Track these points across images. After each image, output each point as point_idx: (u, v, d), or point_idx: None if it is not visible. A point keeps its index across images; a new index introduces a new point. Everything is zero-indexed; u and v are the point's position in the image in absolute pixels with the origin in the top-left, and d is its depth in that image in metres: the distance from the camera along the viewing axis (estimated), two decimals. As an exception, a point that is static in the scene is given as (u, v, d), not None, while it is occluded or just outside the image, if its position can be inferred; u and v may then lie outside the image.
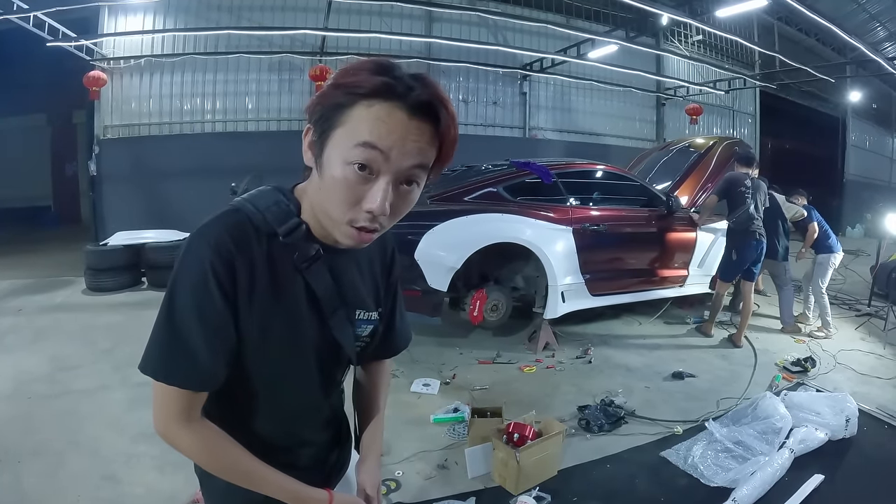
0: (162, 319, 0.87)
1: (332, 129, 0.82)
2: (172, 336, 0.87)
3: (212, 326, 0.87)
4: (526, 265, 4.88)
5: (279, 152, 8.24)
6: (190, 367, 0.87)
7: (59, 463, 2.86)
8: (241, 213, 0.91)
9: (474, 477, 2.83)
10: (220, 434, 0.93)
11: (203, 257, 0.85)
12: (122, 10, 8.11)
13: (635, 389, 4.02)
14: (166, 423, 0.90)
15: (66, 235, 11.07)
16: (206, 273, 0.85)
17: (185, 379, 0.88)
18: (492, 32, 10.17)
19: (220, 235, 0.87)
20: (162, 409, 0.90)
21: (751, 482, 2.67)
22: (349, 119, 0.81)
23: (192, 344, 0.86)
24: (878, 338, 5.37)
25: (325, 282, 0.97)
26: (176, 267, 0.87)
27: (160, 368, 0.88)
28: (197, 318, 0.86)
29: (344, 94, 0.81)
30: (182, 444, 0.91)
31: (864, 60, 10.72)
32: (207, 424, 0.92)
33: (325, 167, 0.84)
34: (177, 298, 0.86)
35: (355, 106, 0.81)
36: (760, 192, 5.02)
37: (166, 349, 0.88)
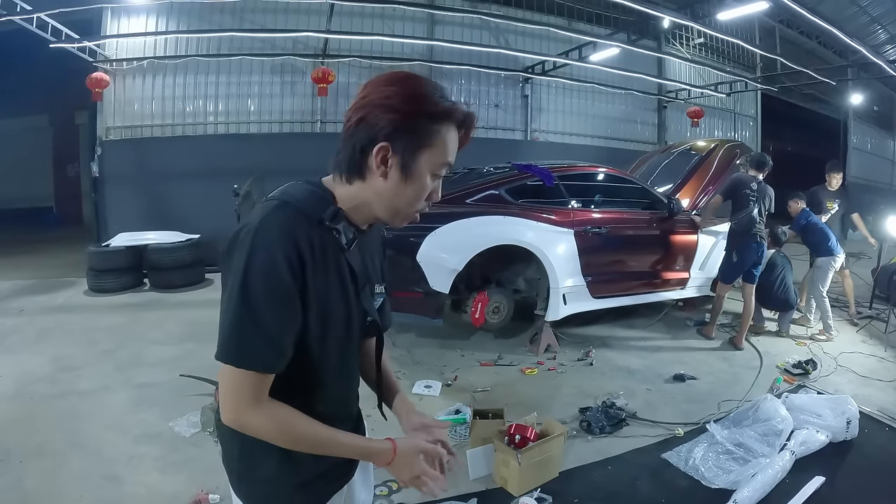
0: (237, 308, 0.93)
1: (422, 148, 1.00)
2: (251, 323, 0.93)
3: (286, 310, 0.96)
4: (527, 267, 4.89)
5: (281, 154, 8.32)
6: (268, 351, 0.96)
7: (60, 463, 2.87)
8: (291, 204, 0.99)
9: (476, 478, 2.83)
10: (288, 409, 1.01)
11: (272, 246, 0.93)
12: (125, 12, 8.13)
13: (636, 391, 4.03)
14: (238, 408, 0.97)
15: (68, 236, 11.09)
16: (278, 261, 0.93)
17: (263, 363, 0.96)
18: (493, 35, 10.18)
19: (284, 225, 0.96)
20: (233, 395, 0.97)
21: (752, 484, 2.68)
22: (437, 142, 1.01)
23: (269, 329, 0.94)
24: (879, 340, 5.37)
25: (359, 260, 1.10)
26: (243, 258, 0.93)
27: (241, 356, 0.94)
28: (274, 304, 0.94)
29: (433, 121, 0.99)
30: (256, 424, 0.99)
31: (866, 63, 10.72)
32: (275, 402, 1.00)
33: (413, 177, 1.01)
34: (251, 287, 0.92)
35: (440, 131, 1.00)
36: (766, 198, 5.02)
37: (246, 336, 0.94)
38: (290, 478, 1.08)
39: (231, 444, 1.12)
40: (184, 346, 4.74)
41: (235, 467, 1.12)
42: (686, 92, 12.41)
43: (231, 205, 7.12)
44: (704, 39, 12.62)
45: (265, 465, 1.07)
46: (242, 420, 0.98)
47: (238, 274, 0.93)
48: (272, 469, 1.07)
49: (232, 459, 1.12)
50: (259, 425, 0.99)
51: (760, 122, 14.73)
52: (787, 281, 5.38)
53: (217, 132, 8.87)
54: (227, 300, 0.95)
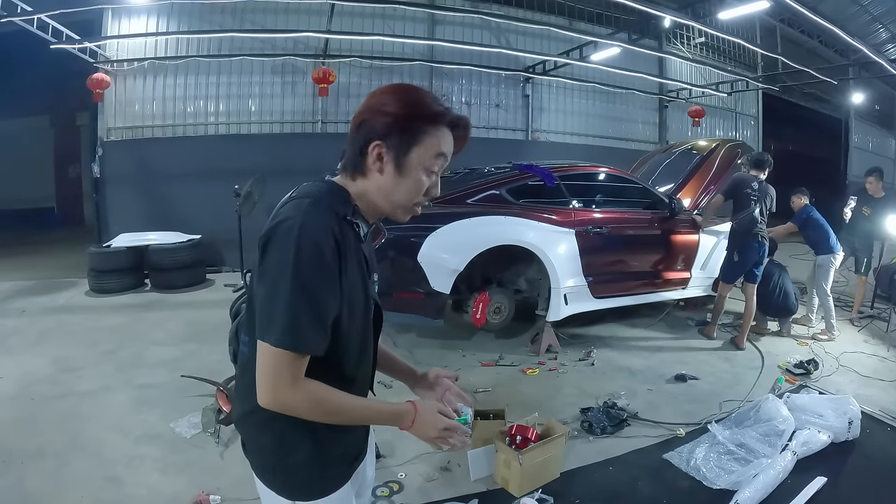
0: (292, 293, 1.01)
1: (413, 146, 1.12)
2: (307, 308, 1.02)
3: (333, 294, 1.06)
4: (528, 268, 4.88)
5: (282, 154, 8.31)
6: (320, 333, 1.06)
7: (61, 464, 2.87)
8: (323, 202, 1.10)
9: (477, 479, 2.83)
10: (323, 386, 1.09)
11: (317, 236, 1.03)
12: (126, 13, 8.13)
13: (638, 392, 4.02)
14: (277, 389, 1.04)
15: (69, 237, 11.10)
16: (325, 250, 1.03)
17: (316, 345, 1.05)
18: (494, 35, 10.17)
19: (324, 219, 1.06)
20: (274, 377, 1.03)
21: (753, 484, 2.67)
22: (425, 140, 1.13)
23: (322, 313, 1.05)
24: (881, 340, 5.36)
25: (370, 250, 1.25)
26: (292, 249, 1.01)
27: (298, 339, 1.02)
28: (325, 289, 1.05)
29: (423, 122, 1.12)
30: (294, 402, 1.05)
31: (867, 62, 10.70)
32: (310, 381, 1.07)
33: (406, 172, 1.13)
34: (305, 274, 1.01)
35: (428, 131, 1.13)
36: (767, 197, 5.01)
37: (302, 320, 1.02)
38: (322, 459, 1.18)
39: (263, 437, 1.17)
40: (185, 347, 4.74)
41: (269, 460, 1.18)
42: (687, 91, 12.39)
43: (232, 205, 7.13)
44: (705, 39, 12.60)
45: (299, 450, 1.15)
46: (282, 398, 1.04)
47: (288, 263, 1.01)
48: (306, 454, 1.15)
49: (265, 452, 1.18)
50: (297, 401, 1.05)
51: (762, 121, 14.70)
52: (785, 287, 5.36)
53: (218, 133, 8.87)
54: (275, 288, 1.02)
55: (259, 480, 1.21)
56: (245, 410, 1.18)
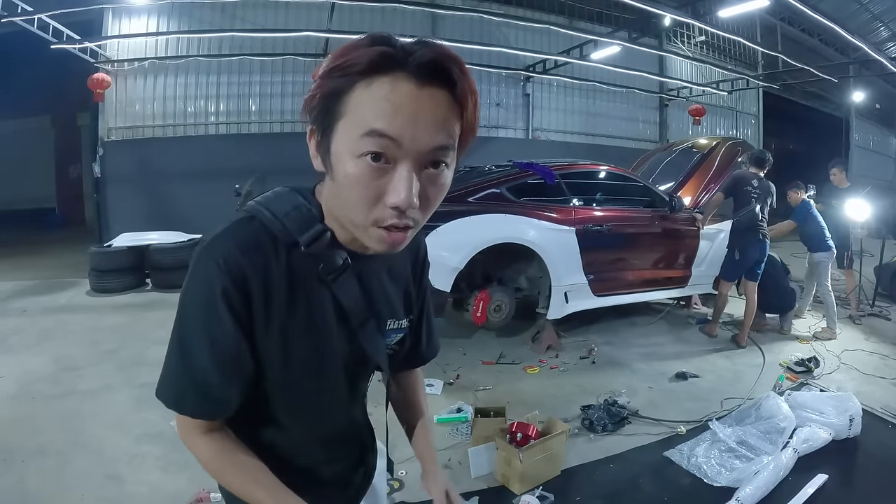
0: (173, 346, 0.81)
1: (335, 121, 0.71)
2: (183, 365, 0.81)
3: (223, 354, 0.79)
4: (529, 266, 4.88)
5: (283, 154, 8.28)
6: (201, 397, 0.81)
7: (63, 463, 2.87)
8: (256, 221, 0.81)
9: (477, 476, 2.83)
10: (238, 448, 0.87)
11: (211, 277, 0.77)
12: (126, 13, 8.15)
13: (639, 390, 4.02)
14: (184, 432, 0.86)
15: (70, 237, 11.11)
16: (215, 295, 0.76)
17: (197, 409, 0.83)
18: (495, 34, 10.17)
19: (230, 251, 0.77)
20: (181, 421, 0.85)
21: (754, 482, 2.67)
22: (349, 105, 0.70)
23: (203, 374, 0.79)
24: (883, 338, 5.35)
25: (354, 293, 0.88)
26: (184, 286, 0.80)
27: (172, 397, 0.82)
28: (207, 346, 0.78)
29: (339, 77, 0.70)
30: (198, 452, 0.86)
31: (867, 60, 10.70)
32: (227, 436, 0.87)
33: (336, 166, 0.73)
34: (185, 324, 0.79)
35: (354, 89, 0.69)
36: (768, 194, 5.01)
37: (177, 379, 0.82)
38: None
39: None
40: (186, 346, 4.74)
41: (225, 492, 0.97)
42: (688, 90, 12.41)
43: (233, 205, 7.12)
44: (706, 37, 12.62)
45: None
46: (188, 444, 0.86)
47: (179, 304, 0.80)
48: None
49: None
50: (200, 454, 0.85)
51: (762, 119, 14.72)
52: (781, 283, 5.35)
53: (218, 132, 8.90)
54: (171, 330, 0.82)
55: None
56: None
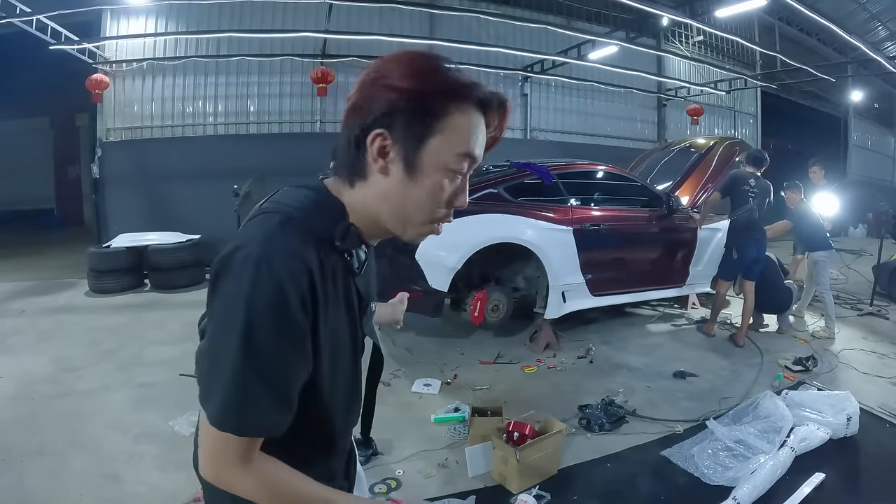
0: (238, 360, 0.74)
1: (429, 136, 0.80)
2: (259, 380, 0.76)
3: (299, 359, 0.79)
4: (527, 265, 4.89)
5: (281, 154, 8.33)
6: (277, 412, 0.79)
7: (61, 462, 2.88)
8: (296, 220, 0.81)
9: (474, 476, 2.84)
10: (279, 467, 0.84)
11: (283, 278, 0.74)
12: (125, 14, 8.14)
13: (636, 389, 4.03)
14: (220, 469, 0.80)
15: (69, 238, 11.11)
16: (290, 305, 0.75)
17: (271, 428, 0.80)
18: (493, 34, 10.17)
19: (291, 256, 0.76)
20: (218, 455, 0.80)
21: (751, 481, 2.68)
22: (448, 127, 0.81)
23: (281, 386, 0.78)
24: (880, 337, 5.36)
25: (367, 282, 0.95)
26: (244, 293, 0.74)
27: (244, 422, 0.77)
28: (286, 354, 0.77)
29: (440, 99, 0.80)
30: (240, 487, 0.81)
31: (865, 60, 10.70)
32: (264, 459, 0.83)
33: (418, 174, 0.82)
34: (258, 332, 0.74)
35: (451, 112, 0.81)
36: (765, 193, 5.02)
37: (250, 397, 0.76)
38: None
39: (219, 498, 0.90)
40: (184, 346, 4.74)
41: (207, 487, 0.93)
42: (685, 90, 12.41)
43: (231, 205, 7.13)
44: (704, 37, 12.61)
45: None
46: (223, 479, 0.81)
47: (237, 314, 0.74)
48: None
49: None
50: (246, 489, 0.81)
51: (760, 119, 14.72)
52: (779, 283, 5.36)
53: (217, 133, 8.89)
54: (219, 346, 0.76)
55: None
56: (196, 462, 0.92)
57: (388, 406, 3.57)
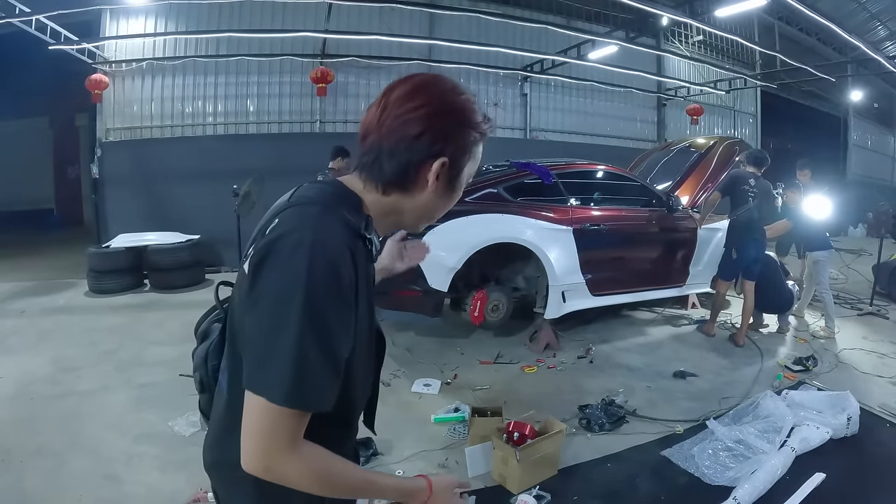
0: (301, 336, 0.79)
1: (467, 161, 0.99)
2: (321, 355, 0.81)
3: (348, 333, 0.85)
4: (526, 265, 4.89)
5: (281, 154, 8.33)
6: (328, 387, 0.83)
7: (61, 463, 2.87)
8: (331, 210, 0.89)
9: (475, 476, 2.83)
10: (322, 450, 0.87)
11: (334, 256, 0.82)
12: (124, 14, 8.14)
13: (637, 389, 4.02)
14: (271, 454, 0.81)
15: (68, 238, 11.10)
16: (341, 274, 0.82)
17: (326, 400, 0.83)
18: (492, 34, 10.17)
19: (339, 235, 0.85)
20: (268, 441, 0.81)
21: (752, 481, 2.67)
22: (475, 154, 1.01)
23: (338, 360, 0.84)
24: (880, 336, 5.36)
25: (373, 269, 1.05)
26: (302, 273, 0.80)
27: (307, 395, 0.80)
28: (342, 328, 0.84)
29: (478, 134, 0.99)
30: (289, 471, 0.83)
31: (865, 59, 10.71)
32: (308, 443, 0.85)
33: (457, 188, 1.02)
34: (316, 305, 0.79)
35: (477, 145, 1.01)
36: (765, 194, 5.01)
37: (314, 371, 0.80)
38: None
39: (243, 497, 0.95)
40: (184, 347, 4.71)
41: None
42: (685, 89, 12.41)
43: (231, 205, 7.13)
44: (703, 37, 12.62)
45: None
46: (274, 467, 0.82)
47: (297, 291, 0.79)
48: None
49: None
50: (291, 471, 0.82)
51: (760, 119, 14.72)
52: (779, 283, 5.36)
53: (216, 133, 8.88)
54: (276, 323, 0.80)
55: None
56: (224, 460, 0.94)
57: (388, 406, 3.57)
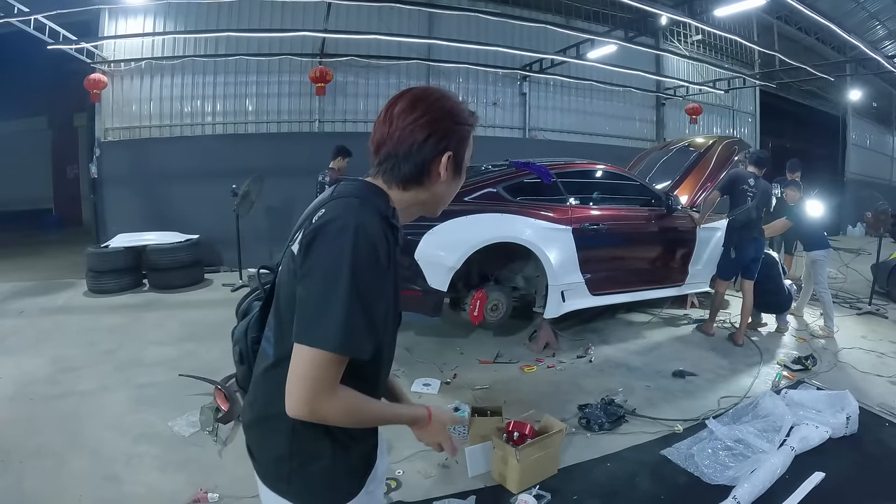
0: (348, 295, 0.98)
1: (465, 149, 1.21)
2: (361, 310, 1.00)
3: (384, 299, 1.07)
4: (526, 265, 4.89)
5: (280, 154, 8.32)
6: (371, 337, 1.03)
7: (60, 464, 2.87)
8: (367, 202, 1.09)
9: (474, 476, 2.84)
10: (355, 392, 1.06)
11: (373, 237, 1.02)
12: (123, 13, 8.12)
13: (636, 388, 4.03)
14: (316, 397, 1.00)
15: (67, 238, 11.10)
16: (378, 251, 1.03)
17: (366, 349, 1.03)
18: (491, 33, 10.16)
19: (376, 221, 1.05)
20: (314, 383, 0.99)
21: (751, 480, 2.68)
22: (470, 141, 1.22)
23: (375, 316, 1.04)
24: (879, 336, 5.36)
25: None
26: (348, 249, 1.00)
27: (348, 342, 0.99)
28: (378, 292, 1.04)
29: (469, 126, 1.20)
30: (330, 411, 1.02)
31: (864, 59, 10.72)
32: (343, 387, 1.04)
33: (457, 175, 1.22)
34: (361, 276, 1.00)
35: (471, 132, 1.22)
36: (764, 194, 5.01)
37: (355, 323, 0.99)
38: (342, 466, 1.15)
39: (281, 444, 1.12)
40: (183, 347, 4.74)
41: (285, 468, 1.13)
42: (684, 89, 12.40)
43: (230, 205, 7.13)
44: (702, 36, 12.60)
45: (321, 458, 1.12)
46: (318, 407, 1.00)
47: (344, 263, 0.99)
48: (328, 457, 1.12)
49: (281, 460, 1.13)
50: (333, 410, 1.02)
51: (759, 118, 14.72)
52: (776, 280, 5.37)
53: (215, 132, 8.86)
54: (327, 288, 0.99)
55: (268, 490, 1.16)
56: (263, 415, 1.14)
57: (388, 406, 3.56)
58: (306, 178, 6.70)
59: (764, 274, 5.19)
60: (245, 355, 1.28)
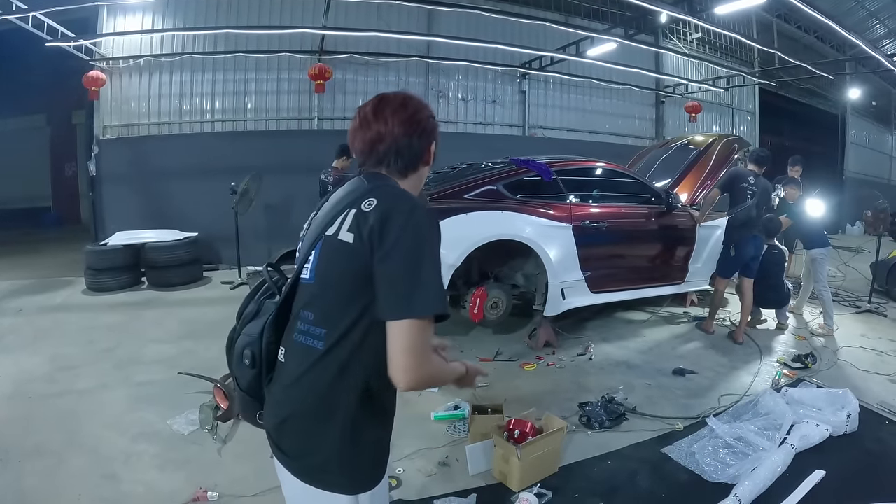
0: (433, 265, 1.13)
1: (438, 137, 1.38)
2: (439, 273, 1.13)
3: None
4: (526, 262, 4.88)
5: (279, 151, 8.30)
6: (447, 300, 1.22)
7: (59, 462, 2.86)
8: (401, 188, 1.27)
9: (475, 474, 2.83)
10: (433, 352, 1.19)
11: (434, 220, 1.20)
12: (121, 10, 8.10)
13: (636, 386, 4.02)
14: (423, 362, 1.10)
15: (65, 236, 11.09)
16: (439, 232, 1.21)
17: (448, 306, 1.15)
18: (490, 30, 10.14)
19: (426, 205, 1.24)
20: (421, 350, 1.09)
21: (752, 478, 2.67)
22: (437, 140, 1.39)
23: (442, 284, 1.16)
24: (879, 334, 5.37)
25: None
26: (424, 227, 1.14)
27: (440, 303, 1.10)
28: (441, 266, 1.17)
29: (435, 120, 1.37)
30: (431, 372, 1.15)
31: (864, 57, 10.73)
32: None
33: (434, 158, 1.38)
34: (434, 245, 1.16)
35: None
36: (764, 192, 5.01)
37: (440, 285, 1.12)
38: (386, 444, 1.27)
39: (330, 435, 1.17)
40: (182, 345, 4.73)
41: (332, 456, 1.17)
42: (684, 87, 12.39)
43: (228, 202, 7.11)
44: (702, 34, 12.61)
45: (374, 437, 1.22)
46: (425, 372, 1.11)
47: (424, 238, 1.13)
48: (380, 440, 1.24)
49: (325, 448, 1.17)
50: (432, 370, 1.14)
51: (758, 116, 14.73)
52: (775, 277, 5.36)
53: (214, 130, 8.84)
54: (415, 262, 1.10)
55: (304, 484, 1.18)
56: (313, 407, 1.17)
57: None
58: (305, 176, 6.69)
59: (767, 269, 5.19)
60: (257, 359, 1.26)
